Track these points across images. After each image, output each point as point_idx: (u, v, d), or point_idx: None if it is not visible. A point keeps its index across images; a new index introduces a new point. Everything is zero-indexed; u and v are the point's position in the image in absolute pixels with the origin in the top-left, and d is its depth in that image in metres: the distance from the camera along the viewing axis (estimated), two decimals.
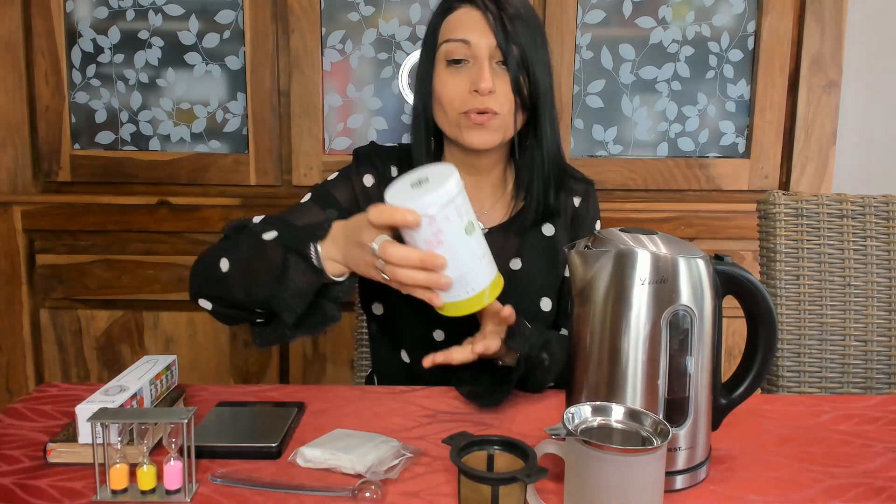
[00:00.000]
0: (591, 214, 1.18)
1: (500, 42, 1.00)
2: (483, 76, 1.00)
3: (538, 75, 1.03)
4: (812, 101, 1.83)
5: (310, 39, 1.80)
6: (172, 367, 0.95)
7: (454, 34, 1.03)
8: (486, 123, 1.02)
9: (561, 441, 0.71)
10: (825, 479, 0.79)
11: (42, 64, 1.81)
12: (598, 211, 1.20)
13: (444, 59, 1.04)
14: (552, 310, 1.13)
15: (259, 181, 1.85)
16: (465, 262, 0.78)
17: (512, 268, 1.11)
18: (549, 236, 1.14)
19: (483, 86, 1.00)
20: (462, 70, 1.03)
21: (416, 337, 1.12)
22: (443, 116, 1.06)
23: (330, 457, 0.79)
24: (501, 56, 1.02)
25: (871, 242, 1.29)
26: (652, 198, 1.88)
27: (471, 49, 1.02)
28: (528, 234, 1.13)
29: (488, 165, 1.11)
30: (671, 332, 0.75)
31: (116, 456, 0.74)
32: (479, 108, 1.01)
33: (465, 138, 1.04)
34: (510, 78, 1.02)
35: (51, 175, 1.85)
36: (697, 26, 1.82)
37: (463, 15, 1.03)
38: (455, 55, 1.02)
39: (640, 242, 0.77)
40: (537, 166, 1.09)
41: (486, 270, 0.81)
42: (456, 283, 0.79)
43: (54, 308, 1.88)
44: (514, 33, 1.01)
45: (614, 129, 1.87)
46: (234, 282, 0.91)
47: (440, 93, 1.04)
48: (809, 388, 1.29)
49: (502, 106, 1.02)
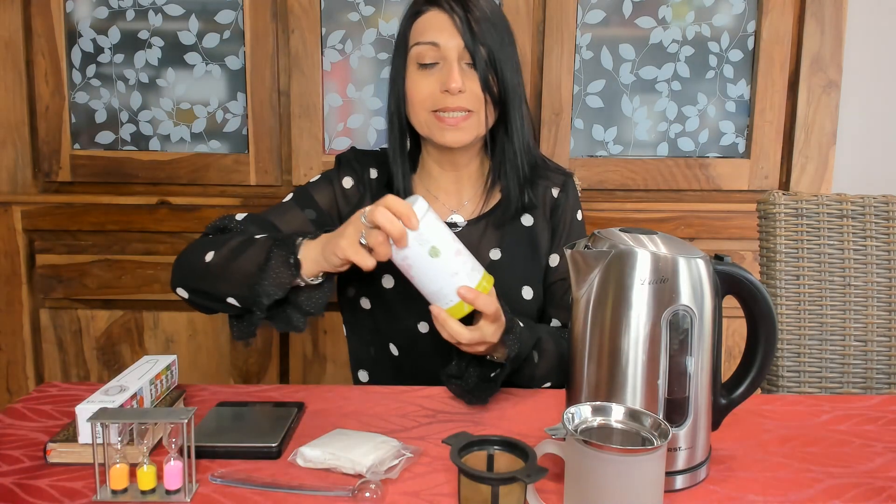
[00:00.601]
0: (570, 204, 1.19)
1: (468, 43, 1.05)
2: (452, 77, 1.04)
3: (506, 73, 1.08)
4: (812, 101, 1.83)
5: (310, 39, 1.80)
6: (172, 367, 0.95)
7: (423, 37, 1.07)
8: (458, 125, 1.07)
9: (561, 441, 0.71)
10: (825, 479, 0.79)
11: (42, 64, 1.81)
12: (579, 200, 1.22)
13: (415, 62, 1.08)
14: (534, 298, 1.15)
15: (259, 181, 1.85)
16: (437, 280, 0.88)
17: (492, 258, 1.14)
18: (529, 226, 1.16)
19: (453, 86, 1.04)
20: (433, 72, 1.07)
21: (403, 329, 1.14)
22: (415, 117, 1.10)
23: (330, 457, 0.79)
24: (470, 57, 1.06)
25: (871, 242, 1.29)
26: (652, 198, 1.88)
27: (440, 51, 1.06)
28: (507, 226, 1.15)
29: (465, 161, 1.15)
30: (671, 332, 0.75)
31: (116, 456, 0.74)
32: (451, 106, 1.06)
33: (439, 138, 1.08)
34: (479, 77, 1.06)
35: (51, 175, 1.85)
36: (697, 26, 1.82)
37: (431, 18, 1.07)
38: (425, 59, 1.07)
39: (640, 242, 0.77)
40: (510, 160, 1.13)
41: (461, 283, 0.88)
42: (435, 296, 0.89)
43: (54, 308, 1.88)
44: (480, 34, 1.05)
45: (614, 129, 1.87)
46: (216, 271, 0.96)
47: (412, 94, 1.09)
48: (809, 388, 1.29)
49: (472, 105, 1.07)
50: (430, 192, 1.18)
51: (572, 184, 1.21)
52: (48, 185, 1.87)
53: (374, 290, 1.15)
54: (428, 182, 1.18)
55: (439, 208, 1.17)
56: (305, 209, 1.14)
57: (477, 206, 1.17)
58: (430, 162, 1.17)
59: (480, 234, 1.15)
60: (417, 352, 1.14)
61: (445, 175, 1.17)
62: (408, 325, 1.13)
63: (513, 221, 1.15)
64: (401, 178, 1.14)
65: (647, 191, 1.87)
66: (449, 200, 1.18)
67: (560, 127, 1.83)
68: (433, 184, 1.18)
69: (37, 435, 0.87)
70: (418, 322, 1.13)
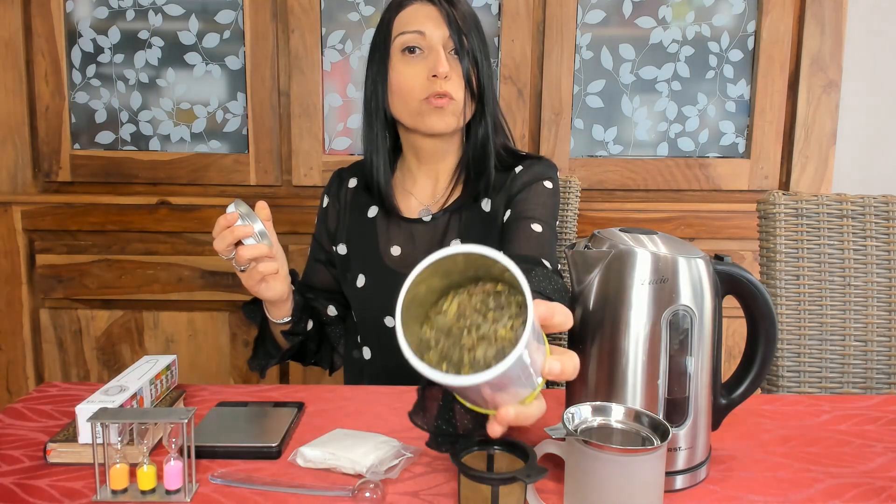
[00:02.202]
0: (534, 171, 1.15)
1: (453, 33, 1.09)
2: (441, 62, 1.08)
3: (483, 72, 1.12)
4: (812, 101, 1.83)
5: (310, 39, 1.80)
6: (172, 367, 0.95)
7: (409, 26, 1.10)
8: (445, 107, 1.09)
9: (561, 441, 0.71)
10: (825, 479, 0.79)
11: (42, 64, 1.81)
12: (550, 175, 1.17)
13: (399, 51, 1.11)
14: None
15: (259, 181, 1.85)
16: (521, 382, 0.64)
17: None
18: (487, 211, 1.16)
19: (441, 70, 1.07)
20: (418, 59, 1.10)
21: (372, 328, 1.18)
22: (402, 106, 1.12)
23: (330, 457, 0.79)
24: (454, 46, 1.10)
25: (871, 242, 1.29)
26: (652, 198, 1.88)
27: (426, 39, 1.10)
28: (465, 211, 1.16)
29: (443, 153, 1.18)
30: (671, 332, 0.75)
31: (116, 456, 0.74)
32: (439, 91, 1.08)
33: (427, 123, 1.11)
34: (462, 68, 1.10)
35: (51, 175, 1.85)
36: (697, 26, 1.82)
37: (417, 9, 1.11)
38: (411, 43, 1.10)
39: (640, 242, 0.77)
40: (478, 153, 1.16)
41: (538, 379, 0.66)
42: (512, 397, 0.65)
43: (54, 308, 1.88)
44: (465, 27, 1.10)
45: (614, 129, 1.87)
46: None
47: (399, 83, 1.11)
48: (809, 388, 1.29)
49: (456, 92, 1.10)
50: (406, 187, 1.21)
51: (542, 162, 1.18)
52: (48, 185, 1.87)
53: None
54: (405, 177, 1.22)
55: (414, 205, 1.20)
56: (317, 261, 1.27)
57: (444, 199, 1.19)
58: (410, 156, 1.20)
59: (444, 224, 1.17)
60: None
61: (423, 169, 1.20)
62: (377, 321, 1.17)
63: (471, 207, 1.17)
64: (382, 173, 1.17)
65: (647, 191, 1.87)
66: (424, 195, 1.20)
67: (560, 127, 1.83)
68: (410, 179, 1.21)
69: (37, 435, 0.87)
70: (384, 317, 1.17)
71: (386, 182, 1.17)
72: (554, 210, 1.15)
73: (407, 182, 1.21)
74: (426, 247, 1.15)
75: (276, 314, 1.10)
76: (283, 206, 1.80)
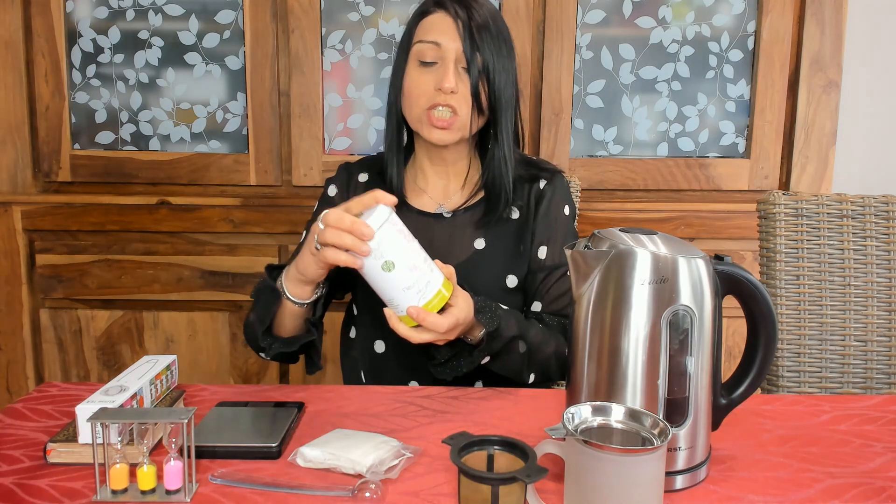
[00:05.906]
0: (557, 197, 1.21)
1: (466, 49, 1.10)
2: (447, 77, 1.10)
3: (499, 83, 1.12)
4: (812, 101, 1.83)
5: (310, 39, 1.80)
6: (172, 367, 0.95)
7: (427, 36, 1.12)
8: (444, 126, 1.12)
9: (561, 441, 0.71)
10: (825, 479, 0.79)
11: (42, 64, 1.81)
12: (570, 196, 1.24)
13: (416, 59, 1.14)
14: (518, 286, 1.18)
15: (259, 181, 1.85)
16: (389, 292, 0.90)
17: (476, 247, 1.18)
18: (514, 219, 1.20)
19: (446, 86, 1.10)
20: (431, 70, 1.12)
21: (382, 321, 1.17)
22: (409, 110, 1.16)
23: (330, 457, 0.79)
24: (465, 62, 1.11)
25: (871, 242, 1.29)
26: (652, 198, 1.88)
27: (440, 51, 1.11)
28: (492, 218, 1.19)
29: (453, 158, 1.21)
30: (671, 332, 0.75)
31: (116, 456, 0.74)
32: (441, 103, 1.11)
33: (427, 134, 1.14)
34: (470, 84, 1.11)
35: (51, 175, 1.85)
36: (697, 26, 1.82)
37: (437, 19, 1.12)
38: (426, 57, 1.12)
39: (640, 242, 0.77)
40: (496, 167, 1.17)
41: (411, 301, 0.90)
42: (390, 304, 0.92)
43: (54, 308, 1.88)
44: (479, 42, 1.10)
45: (614, 129, 1.87)
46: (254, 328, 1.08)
47: (409, 88, 1.14)
48: (809, 388, 1.29)
49: (461, 107, 1.12)
50: (419, 184, 1.23)
51: (561, 178, 1.24)
52: (48, 185, 1.87)
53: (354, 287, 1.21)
54: (418, 175, 1.24)
55: (427, 201, 1.22)
56: None
57: (463, 199, 1.21)
58: (422, 155, 1.23)
59: (465, 224, 1.19)
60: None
61: (434, 169, 1.23)
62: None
63: (498, 215, 1.18)
64: (395, 167, 1.20)
65: (646, 191, 1.87)
66: (436, 194, 1.23)
67: (560, 127, 1.83)
68: (422, 177, 1.24)
69: (37, 435, 0.87)
70: None
71: (399, 177, 1.20)
72: (575, 234, 1.24)
73: (419, 180, 1.24)
74: (445, 241, 1.17)
75: (300, 293, 1.01)
76: (282, 206, 1.80)
